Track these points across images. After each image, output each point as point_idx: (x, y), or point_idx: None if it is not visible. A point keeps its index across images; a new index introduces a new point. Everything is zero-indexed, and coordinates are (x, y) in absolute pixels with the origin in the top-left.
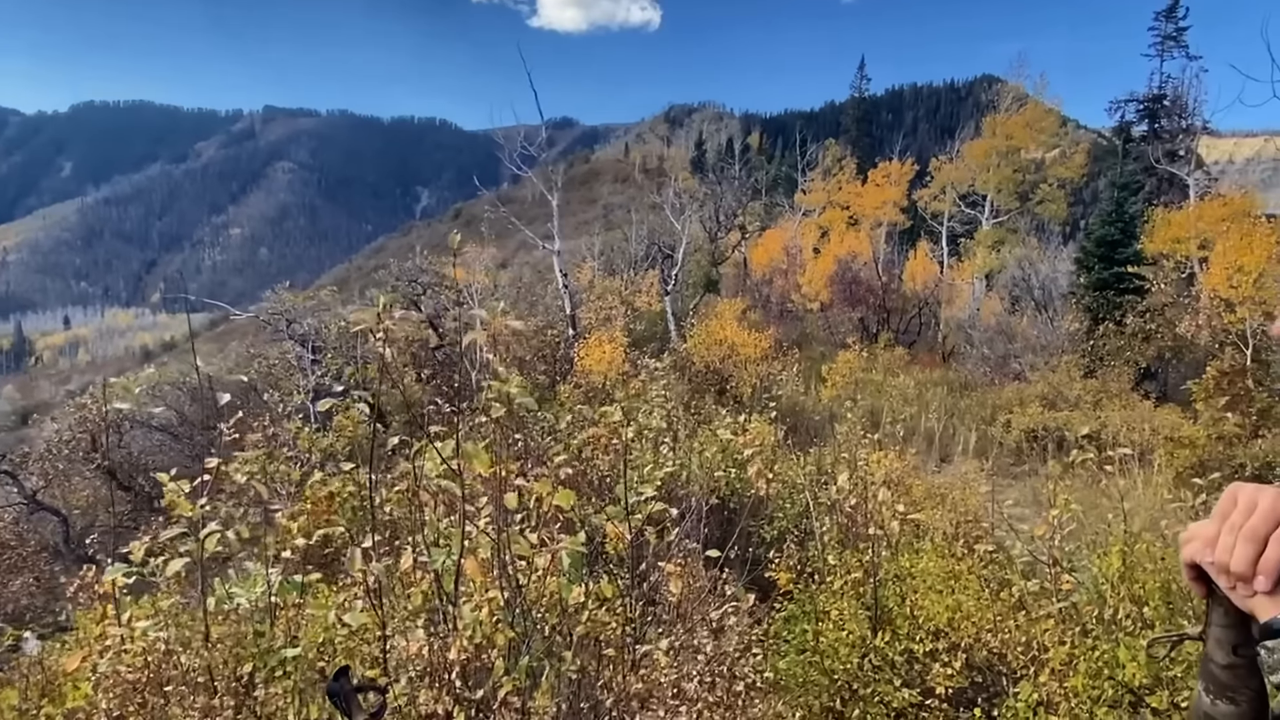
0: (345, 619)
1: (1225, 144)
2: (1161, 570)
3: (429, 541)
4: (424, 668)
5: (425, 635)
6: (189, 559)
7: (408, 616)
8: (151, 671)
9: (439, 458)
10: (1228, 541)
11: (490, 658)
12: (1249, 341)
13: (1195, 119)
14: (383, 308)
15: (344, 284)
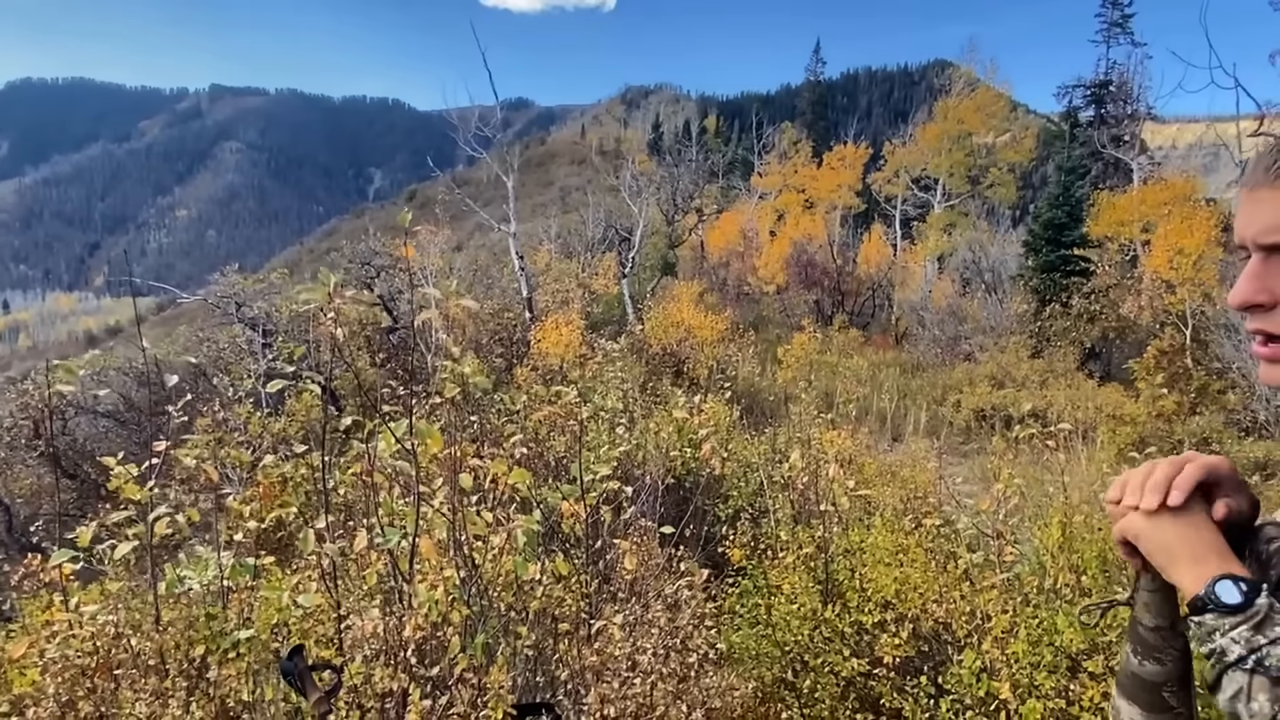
0: (299, 600)
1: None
2: (1098, 540)
3: (384, 522)
4: (379, 646)
5: (380, 614)
6: (139, 542)
7: (363, 596)
8: (101, 656)
9: (393, 438)
10: (1136, 497)
11: (446, 635)
12: (1188, 322)
13: (1139, 105)
14: (333, 286)
15: (295, 267)
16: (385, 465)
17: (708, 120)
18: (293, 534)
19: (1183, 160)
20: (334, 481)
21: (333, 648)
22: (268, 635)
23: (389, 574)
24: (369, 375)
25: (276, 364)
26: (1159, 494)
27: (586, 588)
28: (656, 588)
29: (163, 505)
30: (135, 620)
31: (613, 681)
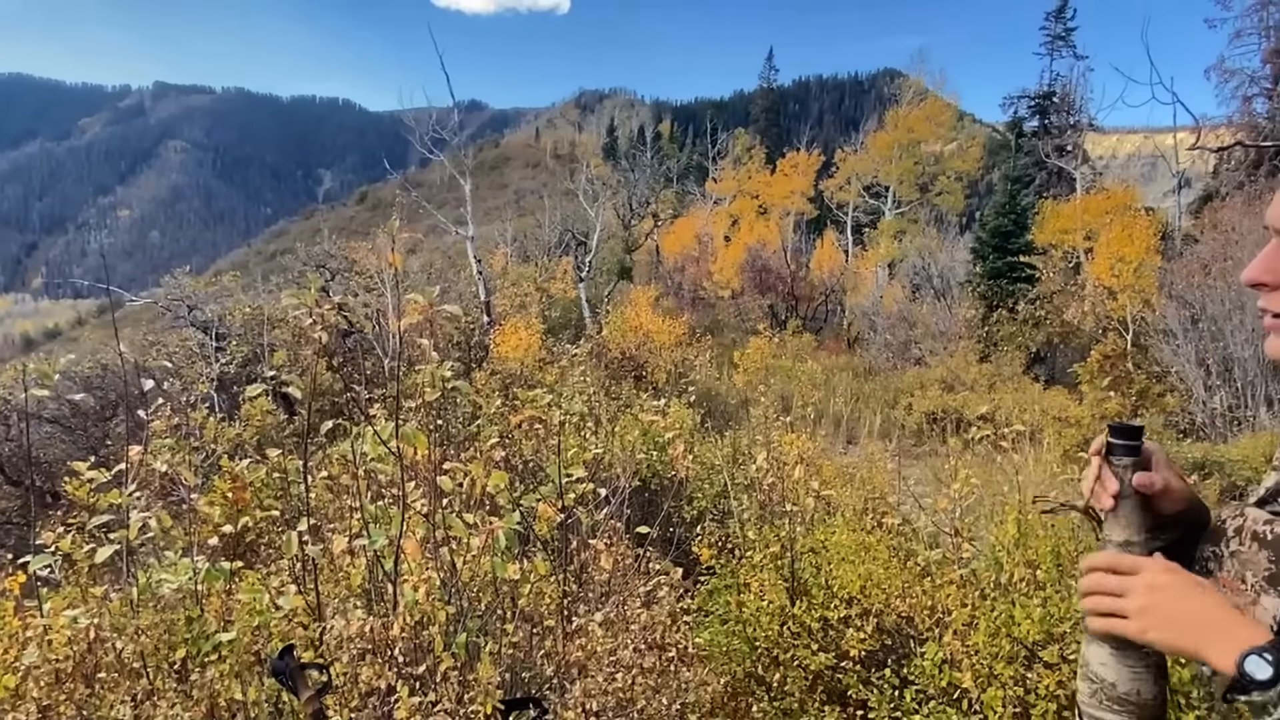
0: (280, 602)
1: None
2: (1051, 536)
3: (366, 523)
4: (365, 646)
5: (364, 615)
6: (118, 546)
7: (346, 597)
8: (77, 660)
9: (379, 441)
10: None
11: (430, 634)
12: (1129, 327)
13: (1082, 116)
14: (316, 291)
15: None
16: (367, 468)
17: (662, 125)
18: (256, 540)
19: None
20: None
21: (314, 649)
22: (249, 638)
23: (371, 575)
24: (326, 380)
25: (229, 368)
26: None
27: (565, 585)
28: (632, 587)
29: (134, 510)
30: (120, 623)
31: (596, 676)
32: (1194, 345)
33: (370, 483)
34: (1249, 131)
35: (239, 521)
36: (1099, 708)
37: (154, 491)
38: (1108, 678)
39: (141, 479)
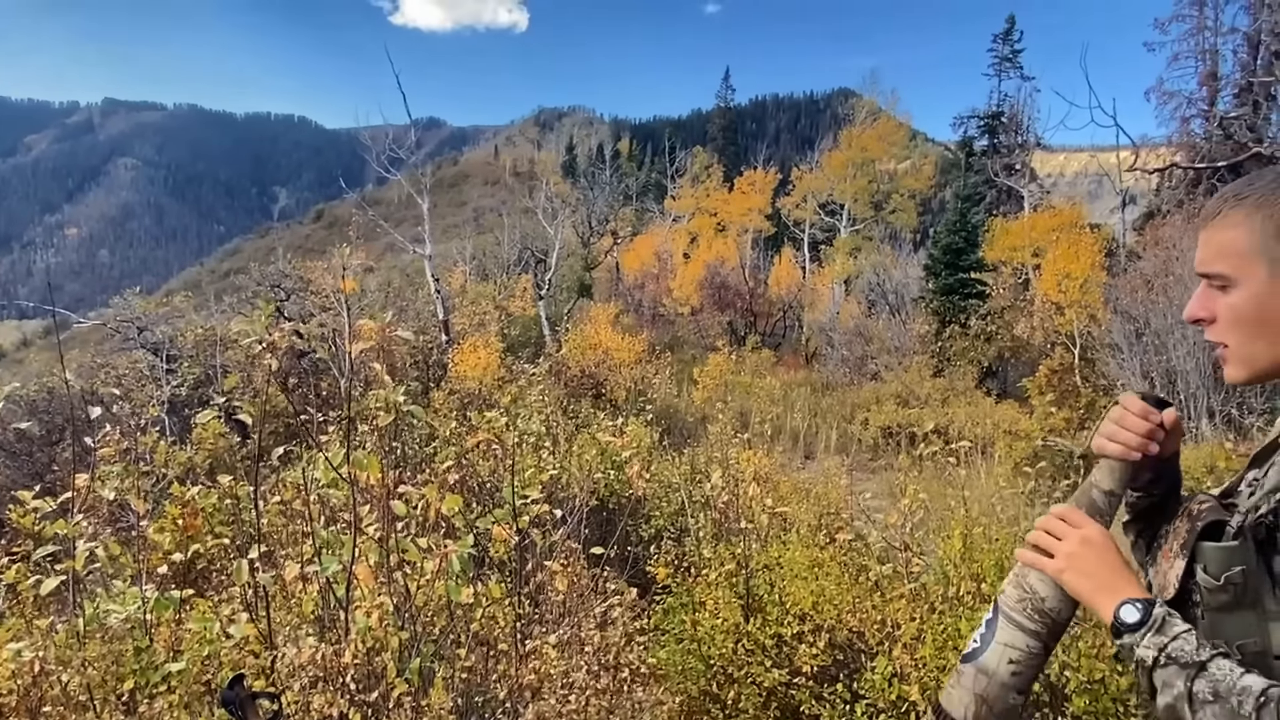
0: (230, 630)
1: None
2: (996, 549)
3: (318, 549)
4: (317, 674)
5: (316, 642)
6: (63, 576)
7: (298, 625)
8: (21, 694)
9: (329, 466)
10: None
11: (383, 661)
12: (1076, 341)
13: (1029, 135)
14: (269, 316)
15: (196, 288)
16: (314, 494)
17: (621, 143)
18: (208, 567)
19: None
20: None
21: (265, 678)
22: (198, 668)
23: (324, 602)
24: (281, 402)
25: (180, 390)
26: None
27: (520, 609)
28: (586, 608)
29: (80, 539)
30: (65, 656)
31: (549, 699)
32: (1138, 359)
33: (324, 508)
34: (1188, 151)
35: (189, 549)
36: (1021, 614)
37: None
38: (1040, 591)
39: (88, 507)
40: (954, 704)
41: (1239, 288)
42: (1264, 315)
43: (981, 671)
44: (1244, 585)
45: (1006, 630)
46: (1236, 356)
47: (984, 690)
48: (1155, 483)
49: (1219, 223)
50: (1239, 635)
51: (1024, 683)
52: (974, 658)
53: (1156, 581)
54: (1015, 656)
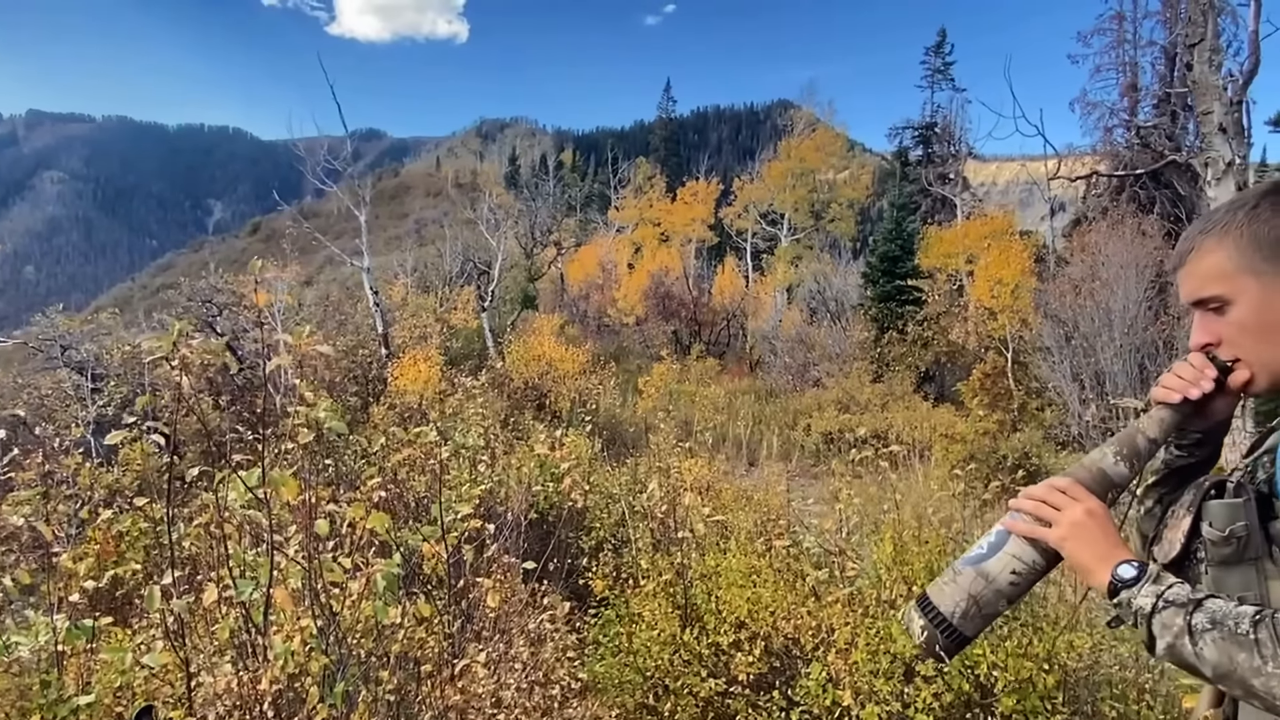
0: (144, 660)
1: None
2: (926, 552)
3: (235, 574)
4: (234, 702)
5: (233, 669)
6: None
7: (215, 652)
8: None
9: (243, 487)
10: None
11: (304, 686)
12: (1009, 346)
13: (962, 145)
14: (178, 334)
15: (127, 304)
16: (235, 515)
17: (564, 154)
18: (132, 592)
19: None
20: (178, 534)
21: (182, 708)
22: (110, 700)
23: (242, 628)
24: (212, 419)
25: (108, 410)
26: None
27: (449, 628)
28: (520, 624)
29: None
30: None
31: (476, 719)
32: (1068, 361)
33: (246, 530)
34: (1110, 160)
35: (105, 575)
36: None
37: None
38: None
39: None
40: (944, 599)
41: (1236, 304)
42: (1266, 321)
43: (981, 575)
44: (1246, 539)
45: (1018, 544)
46: (1254, 368)
47: (980, 592)
48: (1199, 445)
49: (1196, 256)
50: (1240, 589)
51: (1017, 594)
52: (977, 562)
53: (1161, 550)
54: (1019, 569)
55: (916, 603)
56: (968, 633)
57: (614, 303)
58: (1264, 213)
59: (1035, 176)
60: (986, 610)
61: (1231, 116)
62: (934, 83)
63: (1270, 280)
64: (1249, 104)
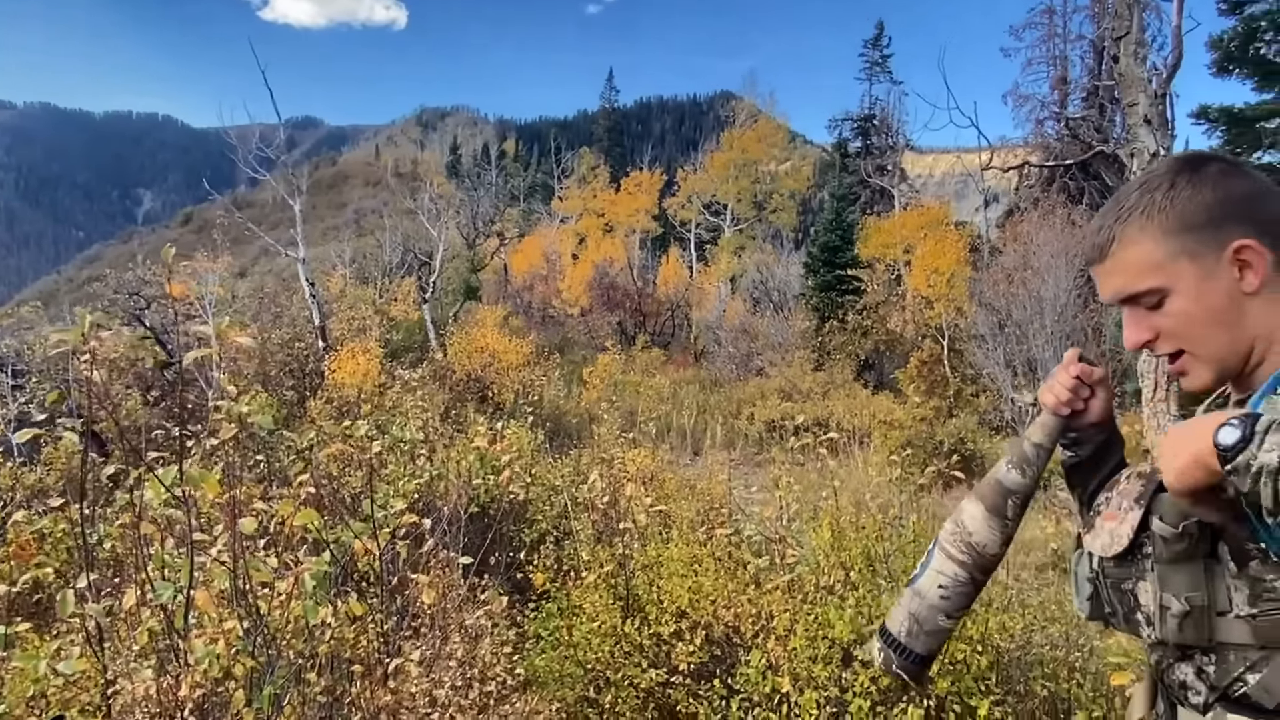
0: (60, 668)
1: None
2: (863, 538)
3: (154, 576)
4: (154, 709)
5: (154, 675)
6: None
7: (136, 658)
8: None
9: (160, 485)
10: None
11: (229, 690)
12: (945, 333)
13: (899, 137)
14: (88, 325)
15: (52, 298)
16: (158, 515)
17: (507, 144)
18: (52, 596)
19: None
20: (99, 536)
21: (100, 715)
22: (23, 710)
23: (164, 631)
24: (141, 416)
25: (29, 407)
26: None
27: (382, 626)
28: (458, 620)
29: None
30: None
31: (408, 719)
32: (1002, 349)
33: (171, 529)
34: (1042, 151)
35: (19, 579)
36: (951, 544)
37: None
38: (970, 527)
39: None
40: (893, 622)
41: (1175, 294)
42: (1208, 308)
43: (915, 593)
44: (1198, 536)
45: (939, 559)
46: (1200, 358)
47: (916, 610)
48: (1078, 443)
49: (1119, 247)
50: (1187, 588)
51: (952, 607)
52: (912, 582)
53: (1100, 541)
54: (944, 582)
55: (878, 631)
56: (918, 649)
57: (558, 294)
58: (1183, 190)
59: (970, 168)
60: (927, 626)
61: (1156, 109)
62: (872, 75)
63: (1207, 262)
64: (1173, 97)
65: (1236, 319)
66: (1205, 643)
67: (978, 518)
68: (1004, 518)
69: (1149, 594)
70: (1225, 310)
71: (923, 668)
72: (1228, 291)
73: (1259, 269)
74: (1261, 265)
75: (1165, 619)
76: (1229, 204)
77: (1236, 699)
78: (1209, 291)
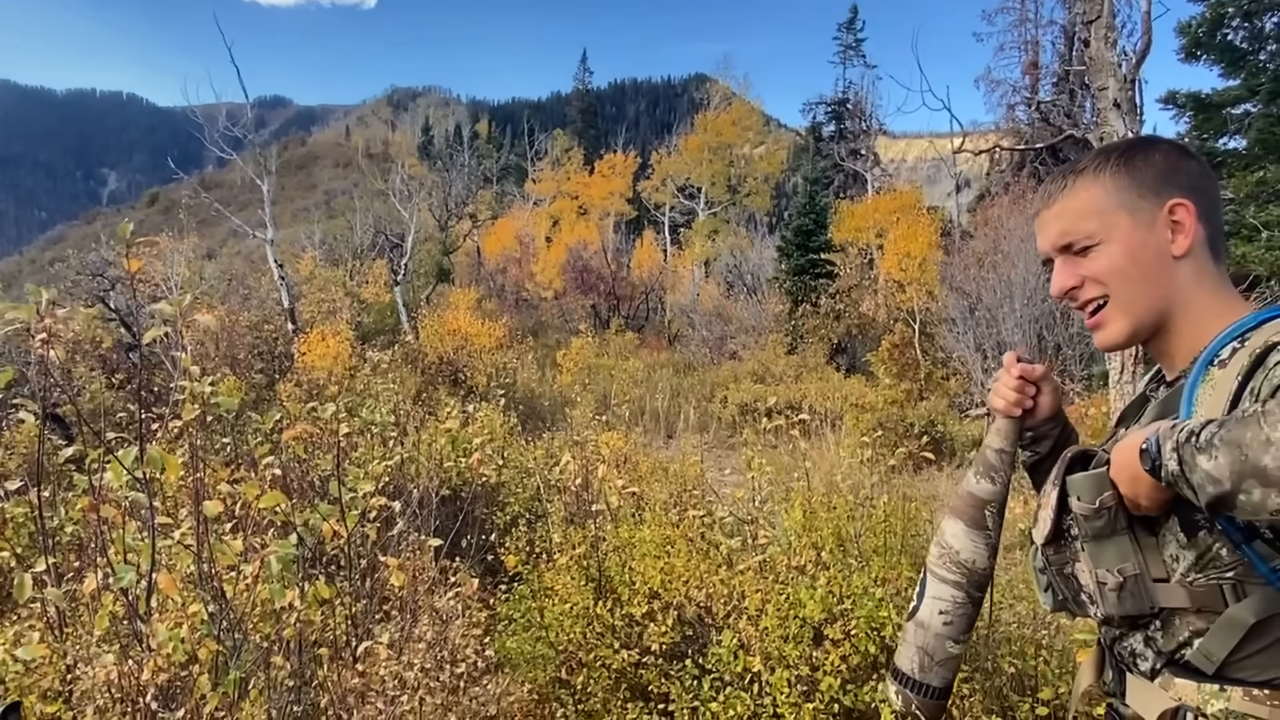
0: (18, 653)
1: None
2: (834, 519)
3: (116, 560)
4: (116, 694)
5: (115, 660)
6: None
7: (96, 643)
8: None
9: (121, 467)
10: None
11: (194, 674)
12: (916, 317)
13: (873, 121)
14: (44, 303)
15: (14, 279)
16: (120, 498)
17: (480, 125)
18: (11, 580)
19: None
20: (59, 519)
21: (60, 700)
22: None
23: (126, 616)
24: (105, 398)
25: None
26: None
27: (351, 609)
28: (428, 602)
29: None
30: None
31: (377, 702)
32: (972, 332)
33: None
34: (1013, 136)
35: None
36: (941, 567)
37: None
38: (955, 546)
39: None
40: (903, 660)
41: (1108, 243)
42: (1137, 261)
43: (919, 625)
44: (1116, 509)
45: (933, 585)
46: (1116, 308)
47: (924, 643)
48: (1037, 441)
49: (1067, 194)
50: (1118, 561)
51: (957, 631)
52: (912, 615)
53: (1039, 530)
54: (944, 607)
55: (890, 674)
56: (934, 683)
57: (532, 277)
58: (1137, 156)
59: (942, 153)
60: (938, 656)
61: (1126, 94)
62: (846, 59)
63: (1144, 218)
64: (1142, 83)
65: (1160, 278)
66: (1149, 610)
67: (959, 534)
68: (985, 529)
69: (1086, 573)
70: (1151, 267)
71: (943, 700)
72: (1157, 250)
73: (1188, 233)
74: (1191, 229)
75: (1104, 594)
76: (1175, 174)
77: (1183, 664)
78: (1139, 245)
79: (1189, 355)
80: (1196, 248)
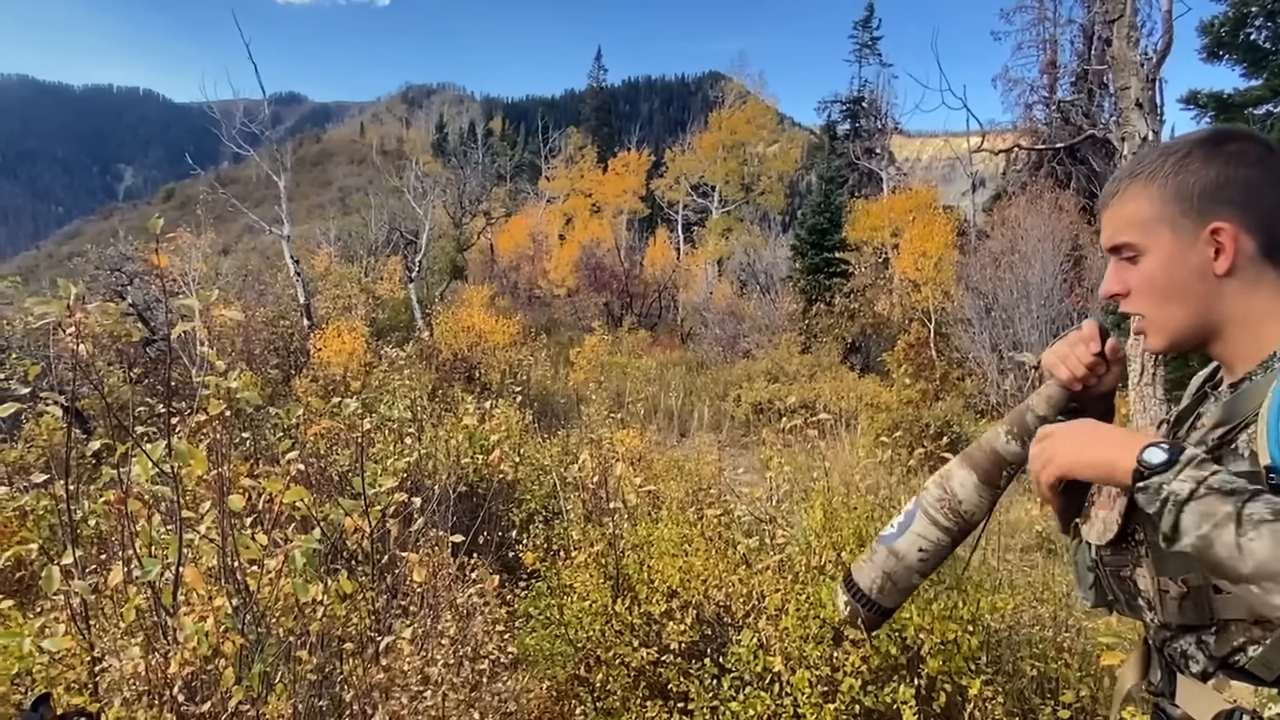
0: (45, 645)
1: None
2: (855, 519)
3: (141, 553)
4: (142, 687)
5: (142, 652)
6: None
7: (122, 635)
8: None
9: (149, 461)
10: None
11: (219, 668)
12: (931, 317)
13: (888, 120)
14: (73, 298)
15: (31, 274)
16: (144, 491)
17: (493, 122)
18: (36, 573)
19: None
20: (84, 512)
21: (87, 693)
22: (8, 687)
23: (151, 609)
24: (123, 393)
25: (9, 383)
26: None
27: (373, 604)
28: (448, 598)
29: None
30: None
31: (401, 697)
32: (988, 332)
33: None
34: (1030, 135)
35: (1, 557)
36: (938, 511)
37: None
38: (960, 495)
39: None
40: (863, 576)
41: (1148, 255)
42: (1173, 278)
43: (893, 553)
44: None
45: (922, 523)
46: (1153, 324)
47: (892, 570)
48: (1079, 414)
49: (1120, 199)
50: (1183, 570)
51: (928, 568)
52: (889, 540)
53: (1095, 529)
54: (925, 546)
55: (843, 579)
56: (886, 605)
57: (545, 274)
58: (1193, 163)
59: (958, 152)
60: (901, 584)
61: (1147, 93)
62: (862, 57)
63: (1185, 237)
64: (1162, 82)
65: (1199, 295)
66: (1208, 621)
67: (969, 485)
68: (996, 487)
69: (1147, 579)
70: (1188, 285)
71: (885, 618)
72: (1198, 269)
73: (1229, 253)
74: (1233, 250)
75: (1165, 602)
76: (1226, 187)
77: (1238, 669)
78: (1178, 263)
79: (1249, 360)
80: (1244, 262)
